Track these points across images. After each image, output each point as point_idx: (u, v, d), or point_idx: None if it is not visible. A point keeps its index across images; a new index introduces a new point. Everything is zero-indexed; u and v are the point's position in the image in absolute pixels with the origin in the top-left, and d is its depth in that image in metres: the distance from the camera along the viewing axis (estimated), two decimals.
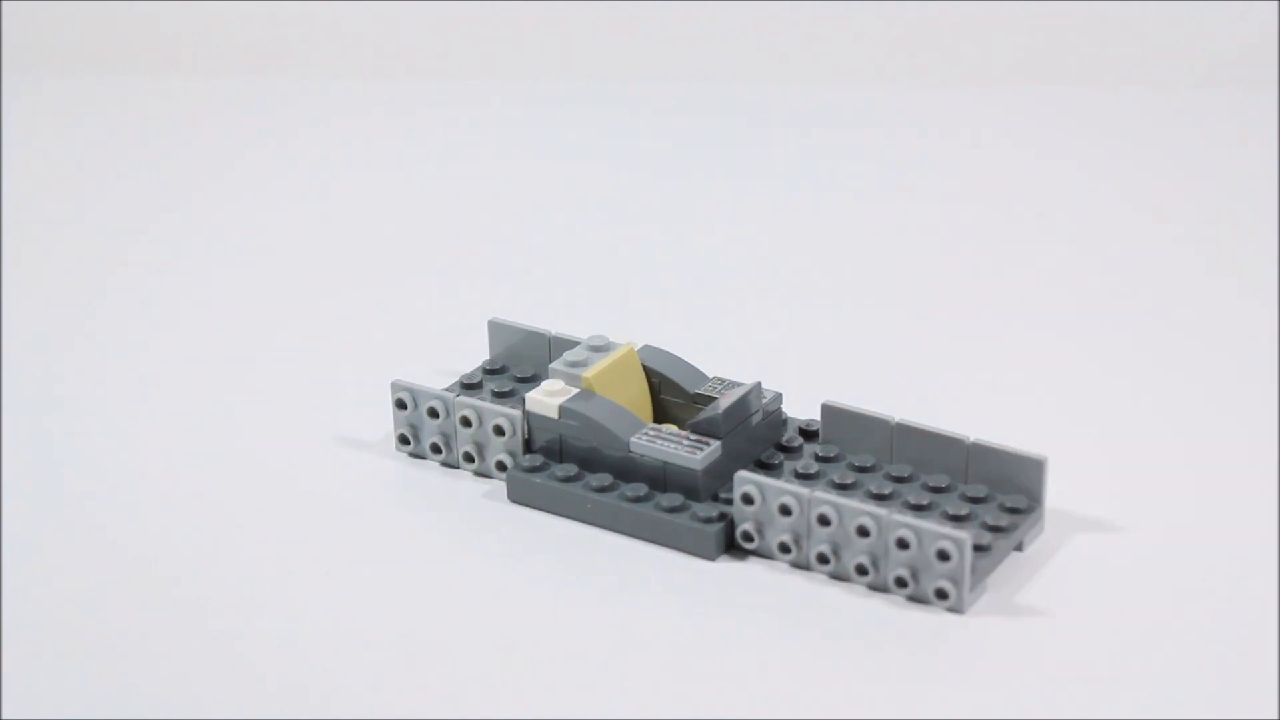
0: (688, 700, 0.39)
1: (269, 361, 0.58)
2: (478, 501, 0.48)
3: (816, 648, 0.41)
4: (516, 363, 0.53)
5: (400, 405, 0.49)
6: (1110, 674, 0.39)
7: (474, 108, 0.84)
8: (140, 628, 0.42)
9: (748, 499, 0.43)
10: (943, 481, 0.45)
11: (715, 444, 0.45)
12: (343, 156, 0.78)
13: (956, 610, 0.41)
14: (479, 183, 0.75)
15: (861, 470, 0.46)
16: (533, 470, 0.47)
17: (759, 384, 0.47)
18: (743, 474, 0.44)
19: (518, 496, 0.47)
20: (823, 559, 0.43)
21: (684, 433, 0.46)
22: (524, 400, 0.48)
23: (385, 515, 0.48)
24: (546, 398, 0.47)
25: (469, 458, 0.48)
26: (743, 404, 0.46)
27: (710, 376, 0.49)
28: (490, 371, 0.53)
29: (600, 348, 0.49)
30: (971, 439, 0.45)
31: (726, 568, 0.44)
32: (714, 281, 0.64)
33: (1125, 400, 0.53)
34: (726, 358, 0.51)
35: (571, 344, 0.50)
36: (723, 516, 0.44)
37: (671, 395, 0.49)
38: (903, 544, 0.41)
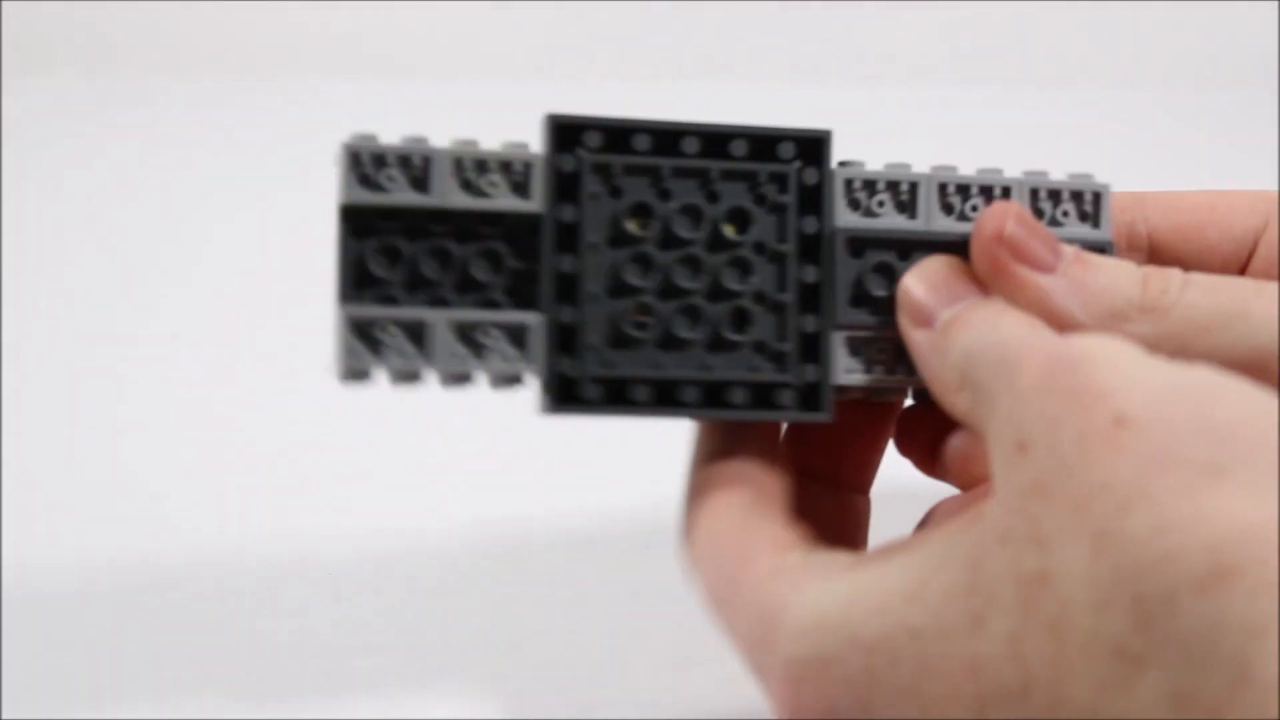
0: (681, 702, 0.39)
1: (270, 362, 0.58)
2: None
3: None
4: None
5: None
6: None
7: (473, 108, 0.84)
8: (158, 614, 0.42)
9: None
10: None
11: None
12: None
13: None
14: None
15: None
16: None
17: None
18: None
19: None
20: None
21: None
22: None
23: None
24: None
25: None
26: None
27: None
28: None
29: None
30: None
31: None
32: None
33: None
34: None
35: None
36: None
37: None
38: None
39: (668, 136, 0.32)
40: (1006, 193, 0.35)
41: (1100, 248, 0.34)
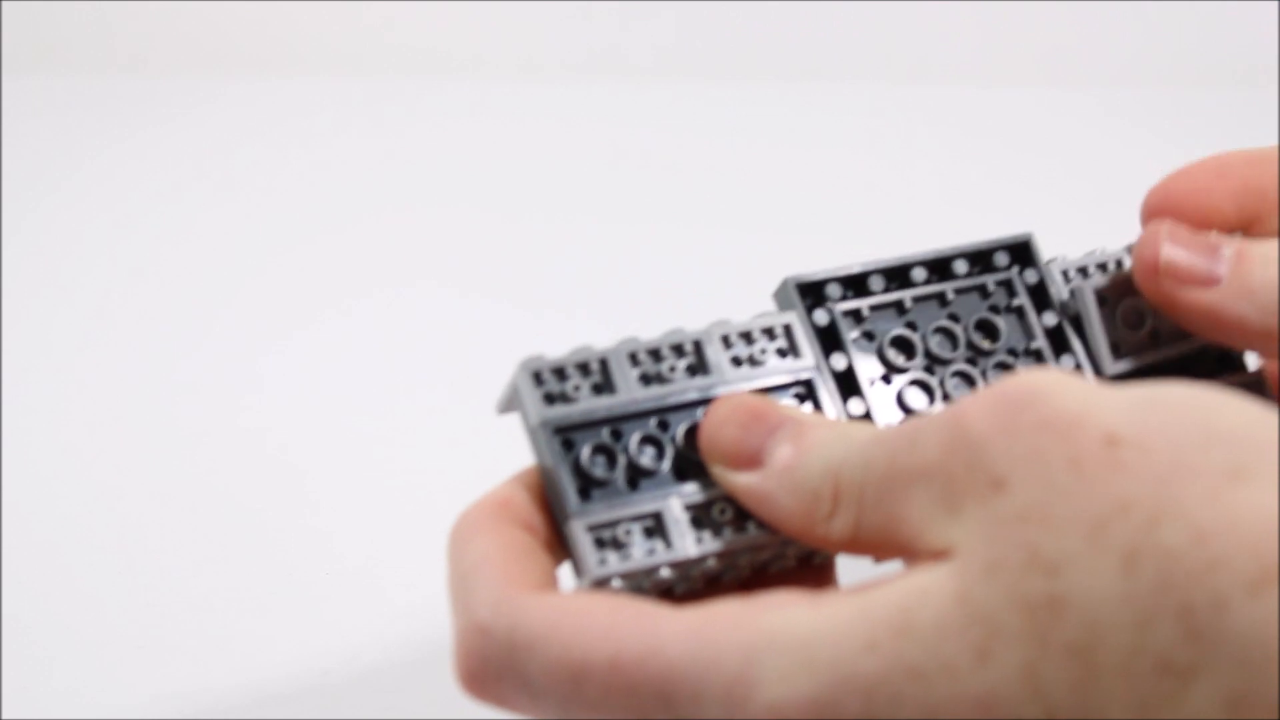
0: None
1: (267, 363, 0.58)
2: None
3: None
4: None
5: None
6: None
7: (473, 108, 0.84)
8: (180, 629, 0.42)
9: None
10: None
11: None
12: (346, 158, 0.78)
13: None
14: (477, 186, 0.75)
15: None
16: None
17: None
18: None
19: None
20: None
21: None
22: None
23: None
24: None
25: None
26: None
27: None
28: None
29: None
30: None
31: None
32: (711, 284, 0.64)
33: None
34: None
35: None
36: None
37: None
38: None
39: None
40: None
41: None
